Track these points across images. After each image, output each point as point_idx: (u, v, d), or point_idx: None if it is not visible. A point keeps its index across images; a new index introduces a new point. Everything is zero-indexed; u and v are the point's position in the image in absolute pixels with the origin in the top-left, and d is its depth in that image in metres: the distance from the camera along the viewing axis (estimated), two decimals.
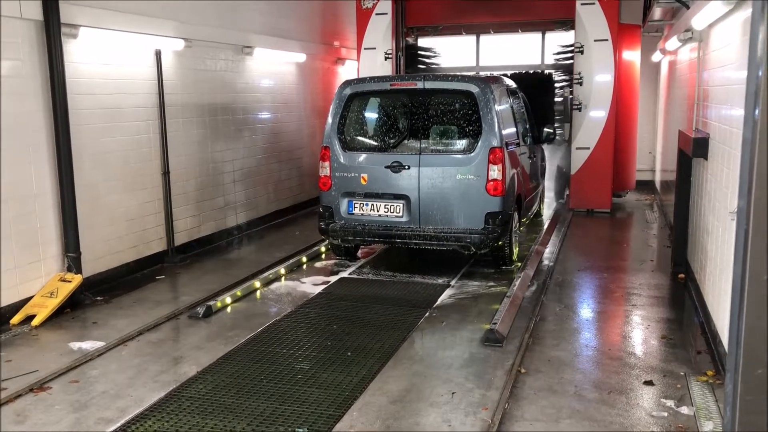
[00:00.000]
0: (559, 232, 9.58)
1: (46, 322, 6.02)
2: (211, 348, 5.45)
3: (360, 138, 7.74)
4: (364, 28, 11.51)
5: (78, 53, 6.75)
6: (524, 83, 9.86)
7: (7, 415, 4.35)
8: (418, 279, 7.36)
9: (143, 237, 7.79)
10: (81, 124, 6.75)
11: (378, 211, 7.35)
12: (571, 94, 10.86)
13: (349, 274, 7.65)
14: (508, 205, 7.24)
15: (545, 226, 9.85)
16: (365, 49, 11.55)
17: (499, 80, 8.11)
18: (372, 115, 7.97)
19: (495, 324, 5.65)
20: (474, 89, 7.15)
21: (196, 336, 5.76)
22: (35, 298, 6.21)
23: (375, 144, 7.68)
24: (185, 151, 8.50)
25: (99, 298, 6.75)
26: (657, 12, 9.86)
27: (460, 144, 7.29)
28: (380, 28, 11.44)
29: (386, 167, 7.25)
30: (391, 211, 7.30)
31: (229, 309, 6.47)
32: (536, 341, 5.49)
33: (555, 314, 6.19)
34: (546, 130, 9.15)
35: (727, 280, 4.74)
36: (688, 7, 7.09)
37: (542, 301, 6.53)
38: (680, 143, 7.21)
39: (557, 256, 8.30)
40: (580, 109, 10.76)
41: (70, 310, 6.36)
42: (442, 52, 13.07)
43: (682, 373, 4.83)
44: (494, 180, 6.99)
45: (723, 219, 5.06)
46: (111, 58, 7.21)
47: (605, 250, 9.11)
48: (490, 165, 6.98)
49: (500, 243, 7.28)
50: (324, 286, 7.15)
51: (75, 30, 6.59)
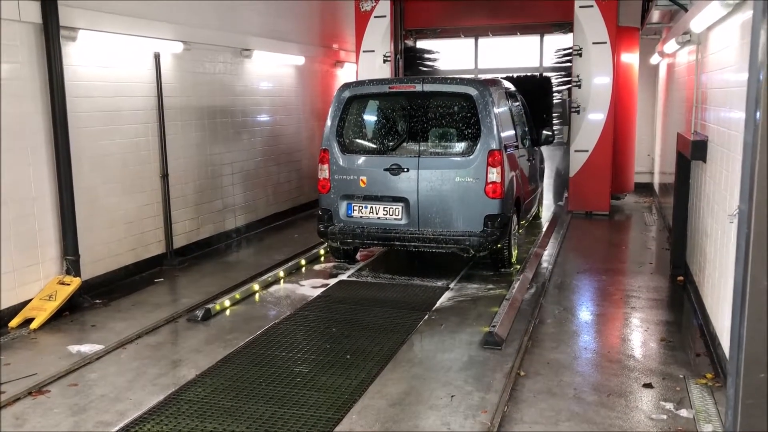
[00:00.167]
0: (557, 235, 9.58)
1: (44, 325, 6.01)
2: (209, 351, 5.44)
3: (359, 141, 7.73)
4: (362, 31, 11.52)
5: (77, 56, 6.75)
6: (523, 86, 9.87)
7: (5, 418, 4.34)
8: (417, 282, 7.36)
9: (142, 240, 7.78)
10: (80, 127, 6.74)
11: (377, 214, 7.35)
12: (570, 97, 10.87)
13: (348, 276, 7.64)
14: (506, 208, 7.24)
15: (544, 229, 9.85)
16: (364, 51, 11.55)
17: (497, 83, 8.12)
18: (371, 117, 7.95)
19: (494, 327, 5.65)
20: (473, 92, 7.16)
21: (194, 339, 5.75)
22: (34, 301, 6.20)
23: (374, 147, 7.67)
24: (184, 153, 8.49)
25: (98, 301, 6.74)
26: (655, 15, 9.88)
27: (459, 147, 7.29)
28: (379, 31, 11.45)
29: (385, 170, 7.25)
30: (390, 213, 7.30)
31: (228, 312, 6.46)
32: (535, 344, 5.49)
33: (554, 317, 6.19)
34: (544, 132, 9.14)
35: (726, 283, 4.74)
36: (687, 10, 7.10)
37: (541, 303, 6.53)
38: (679, 146, 7.22)
39: (556, 259, 8.30)
40: (578, 112, 10.77)
41: (69, 313, 6.35)
42: (440, 54, 13.09)
43: (681, 376, 4.83)
44: (493, 183, 6.99)
45: (722, 221, 5.06)
46: (110, 60, 7.21)
47: (604, 252, 9.11)
48: (488, 168, 6.99)
49: (499, 245, 7.27)
50: (323, 289, 7.15)
51: (74, 33, 6.59)
